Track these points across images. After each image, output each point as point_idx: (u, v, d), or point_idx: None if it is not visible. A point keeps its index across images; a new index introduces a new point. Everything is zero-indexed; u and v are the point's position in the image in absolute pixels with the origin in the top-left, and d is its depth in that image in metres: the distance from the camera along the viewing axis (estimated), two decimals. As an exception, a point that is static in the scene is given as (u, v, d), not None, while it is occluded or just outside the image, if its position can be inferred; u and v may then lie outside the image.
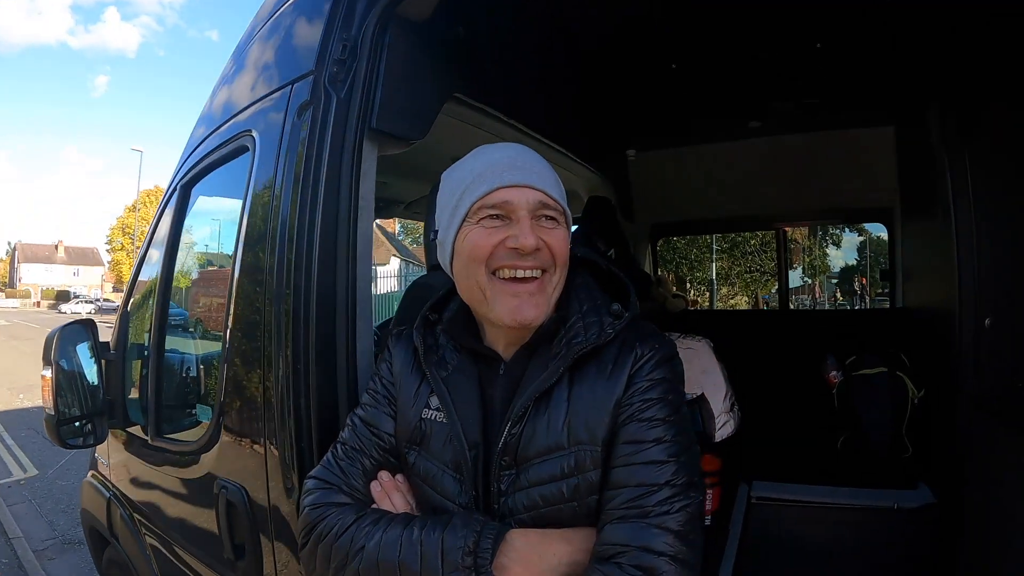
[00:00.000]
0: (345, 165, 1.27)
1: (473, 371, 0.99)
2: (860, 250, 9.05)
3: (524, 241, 0.89)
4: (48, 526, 4.43)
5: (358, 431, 1.04)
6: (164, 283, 1.79)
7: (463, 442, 0.93)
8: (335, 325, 1.23)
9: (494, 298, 0.92)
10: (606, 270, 1.06)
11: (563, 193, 0.98)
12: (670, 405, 0.90)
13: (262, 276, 1.32)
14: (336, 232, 1.24)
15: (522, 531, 0.89)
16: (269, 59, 1.54)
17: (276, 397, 1.25)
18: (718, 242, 10.43)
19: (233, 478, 1.39)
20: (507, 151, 0.97)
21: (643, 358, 0.92)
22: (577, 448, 0.89)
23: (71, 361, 1.87)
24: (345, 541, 0.91)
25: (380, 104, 1.29)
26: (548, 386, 0.91)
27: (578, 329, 0.94)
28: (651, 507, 0.83)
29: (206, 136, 1.73)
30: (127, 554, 1.94)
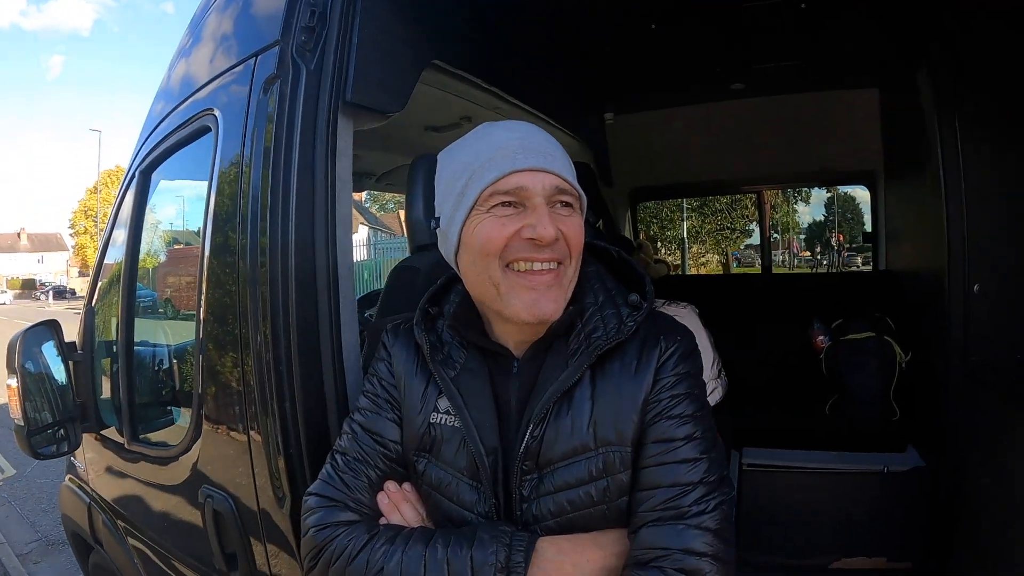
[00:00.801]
0: (319, 143, 1.17)
1: (483, 370, 0.92)
2: (828, 206, 9.21)
3: (543, 232, 0.82)
4: (30, 528, 4.31)
5: (359, 440, 0.96)
6: (128, 278, 1.67)
7: (480, 447, 0.87)
8: (317, 323, 1.15)
9: (509, 293, 0.85)
10: (617, 258, 1.00)
11: (575, 176, 0.90)
12: (697, 400, 0.87)
13: (233, 270, 1.22)
14: (312, 220, 1.15)
15: (552, 539, 0.84)
16: (229, 29, 1.41)
17: (258, 399, 1.16)
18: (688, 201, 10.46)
19: (219, 485, 1.31)
20: (516, 131, 0.89)
21: (668, 352, 0.87)
22: (605, 449, 0.84)
23: (37, 365, 1.76)
24: (360, 565, 0.84)
25: (355, 74, 1.19)
26: (569, 385, 0.86)
27: (596, 323, 0.89)
28: (687, 507, 0.80)
29: (164, 116, 1.59)
30: (113, 560, 1.87)
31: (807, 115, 2.78)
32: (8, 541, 4.11)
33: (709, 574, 0.77)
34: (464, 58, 1.74)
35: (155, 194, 1.67)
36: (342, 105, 1.19)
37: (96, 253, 1.94)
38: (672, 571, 0.77)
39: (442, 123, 2.43)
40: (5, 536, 4.18)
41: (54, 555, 3.83)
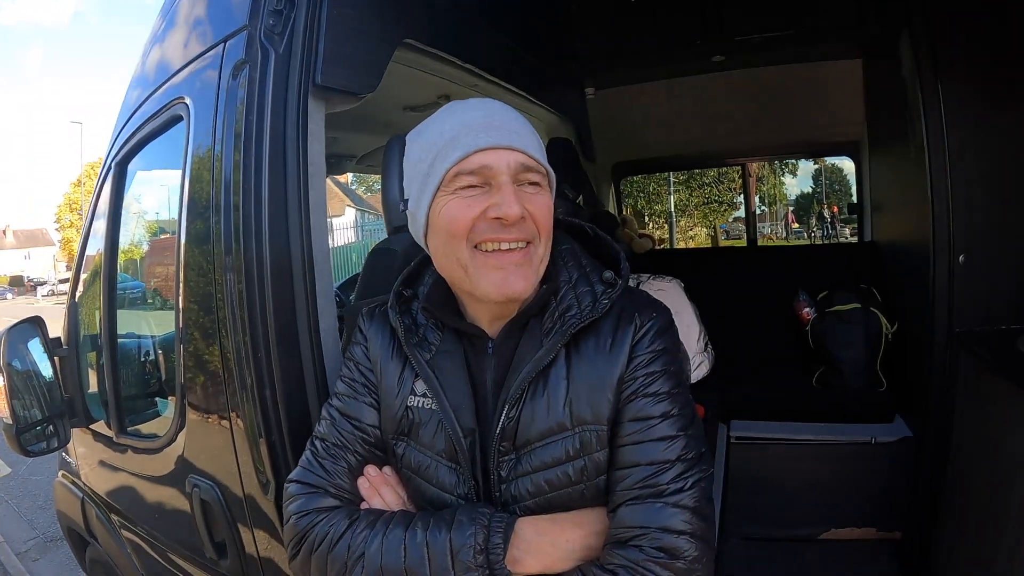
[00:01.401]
0: (290, 128, 1.15)
1: (458, 351, 0.92)
2: (816, 178, 9.20)
3: (508, 210, 0.81)
4: (28, 525, 4.30)
5: (338, 425, 0.96)
6: (108, 271, 1.67)
7: (457, 429, 0.87)
8: (294, 309, 1.15)
9: (477, 273, 0.84)
10: (592, 235, 0.99)
11: (544, 153, 0.89)
12: (674, 377, 0.86)
13: (209, 259, 1.21)
14: (286, 206, 1.14)
15: (531, 520, 0.85)
16: (199, 15, 1.39)
17: (238, 387, 1.16)
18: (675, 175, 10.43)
19: (205, 474, 1.32)
20: (481, 108, 0.87)
21: (643, 329, 0.87)
22: (581, 428, 0.84)
23: (23, 363, 1.75)
24: (342, 550, 0.85)
25: (324, 57, 1.17)
26: (545, 365, 0.85)
27: (570, 301, 0.88)
28: (665, 485, 0.80)
29: (138, 105, 1.57)
30: (108, 554, 1.88)
31: (790, 86, 2.76)
32: (7, 539, 4.10)
33: (688, 551, 0.77)
34: (438, 36, 1.72)
35: (132, 185, 1.65)
36: (312, 88, 1.18)
37: (77, 247, 1.92)
38: (650, 549, 0.77)
39: (420, 102, 2.41)
40: (4, 535, 4.17)
41: (53, 552, 3.82)
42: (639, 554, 0.77)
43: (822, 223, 10.78)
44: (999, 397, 1.58)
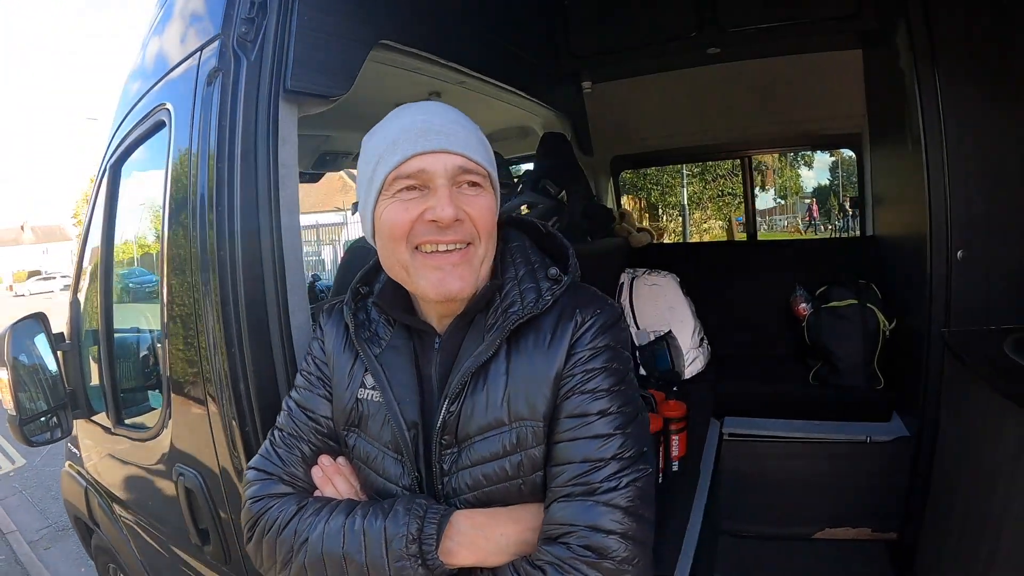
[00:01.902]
0: (260, 132, 1.19)
1: (408, 346, 0.95)
2: (833, 170, 9.00)
3: (441, 212, 0.83)
4: (41, 515, 4.44)
5: (294, 416, 1.00)
6: (104, 268, 1.74)
7: (401, 422, 0.90)
8: (266, 306, 1.19)
9: (416, 273, 0.87)
10: (545, 232, 1.01)
11: (489, 154, 0.91)
12: (615, 374, 0.86)
13: (188, 261, 1.26)
14: (257, 207, 1.18)
15: (467, 512, 0.86)
16: (180, 24, 1.43)
17: (215, 381, 1.22)
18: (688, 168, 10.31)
19: (188, 464, 1.38)
20: (422, 113, 0.89)
21: (584, 325, 0.87)
22: (518, 424, 0.85)
23: (29, 356, 1.83)
24: (288, 534, 0.89)
25: (294, 62, 1.20)
26: (485, 360, 0.87)
27: (514, 297, 0.89)
28: (598, 483, 0.80)
29: (129, 110, 1.63)
30: (110, 541, 1.96)
31: (789, 78, 2.72)
32: (19, 529, 4.23)
33: (616, 551, 0.77)
34: (418, 35, 1.75)
35: (125, 187, 1.71)
36: (283, 93, 1.21)
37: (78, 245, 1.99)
38: (578, 547, 0.78)
39: (411, 100, 2.44)
40: (16, 524, 4.31)
41: (64, 541, 3.91)
42: (566, 552, 0.78)
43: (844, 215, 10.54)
44: (981, 403, 1.56)
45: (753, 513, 2.44)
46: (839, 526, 2.34)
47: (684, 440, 1.88)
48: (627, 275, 2.86)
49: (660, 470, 1.82)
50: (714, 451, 2.32)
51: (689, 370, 2.71)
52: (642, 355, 2.69)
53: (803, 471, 2.37)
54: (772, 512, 2.41)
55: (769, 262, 3.08)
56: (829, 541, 2.35)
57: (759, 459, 2.43)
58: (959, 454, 1.72)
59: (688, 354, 2.71)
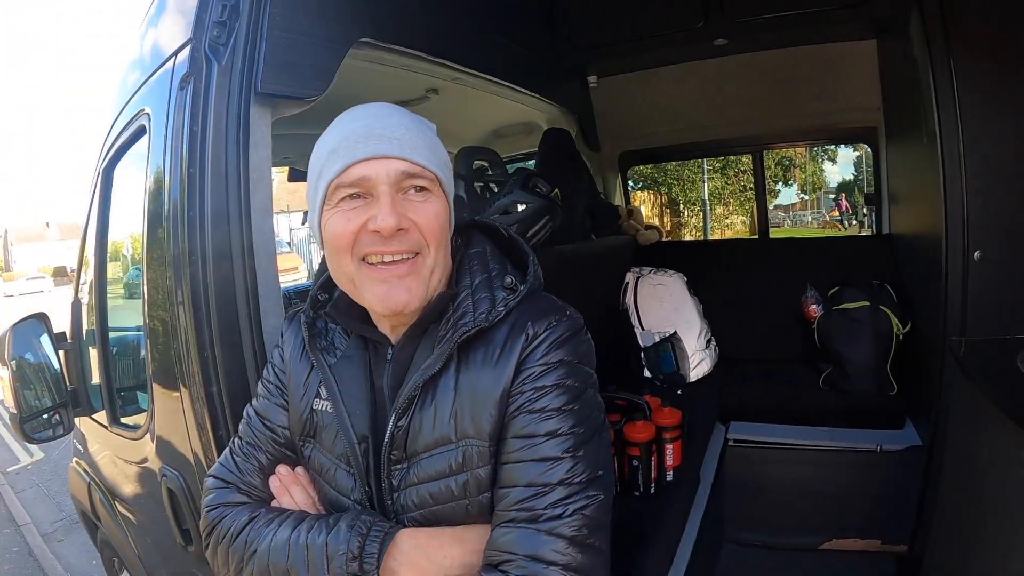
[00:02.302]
0: (231, 137, 1.19)
1: (362, 357, 0.92)
2: (858, 164, 8.67)
3: (383, 222, 0.80)
4: (56, 508, 4.55)
5: (252, 425, 0.99)
6: (98, 271, 1.78)
7: (352, 435, 0.87)
8: (237, 311, 1.18)
9: (363, 285, 0.84)
10: (507, 236, 0.96)
11: (439, 157, 0.87)
12: (568, 392, 0.81)
13: (164, 264, 1.26)
14: (228, 212, 1.18)
15: (411, 531, 0.84)
16: (158, 30, 1.44)
17: (188, 384, 1.22)
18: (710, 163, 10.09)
19: (171, 465, 1.39)
20: (364, 119, 0.84)
21: (536, 340, 0.82)
22: (464, 443, 0.82)
23: (35, 355, 1.87)
24: (240, 543, 0.88)
25: (265, 64, 1.20)
26: (432, 374, 0.83)
27: (466, 307, 0.85)
28: (542, 510, 0.76)
29: (117, 114, 1.66)
30: (110, 535, 2.00)
31: (801, 70, 2.62)
32: (34, 521, 4.34)
33: None
34: (405, 33, 1.73)
35: (116, 191, 1.74)
36: (254, 96, 1.20)
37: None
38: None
39: (409, 97, 2.43)
40: (31, 516, 4.43)
41: (77, 533, 3.96)
42: None
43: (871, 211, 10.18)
44: (991, 423, 1.46)
45: (758, 521, 2.36)
46: (847, 537, 2.26)
47: (679, 449, 1.83)
48: (632, 274, 2.81)
49: (653, 480, 1.77)
50: (717, 457, 2.26)
51: (695, 372, 2.66)
52: (646, 357, 2.64)
53: (810, 479, 2.29)
54: (778, 521, 2.34)
55: (781, 261, 2.98)
56: (836, 552, 2.27)
57: (765, 466, 2.36)
58: (967, 471, 1.64)
59: (694, 356, 2.66)
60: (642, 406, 1.83)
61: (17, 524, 4.34)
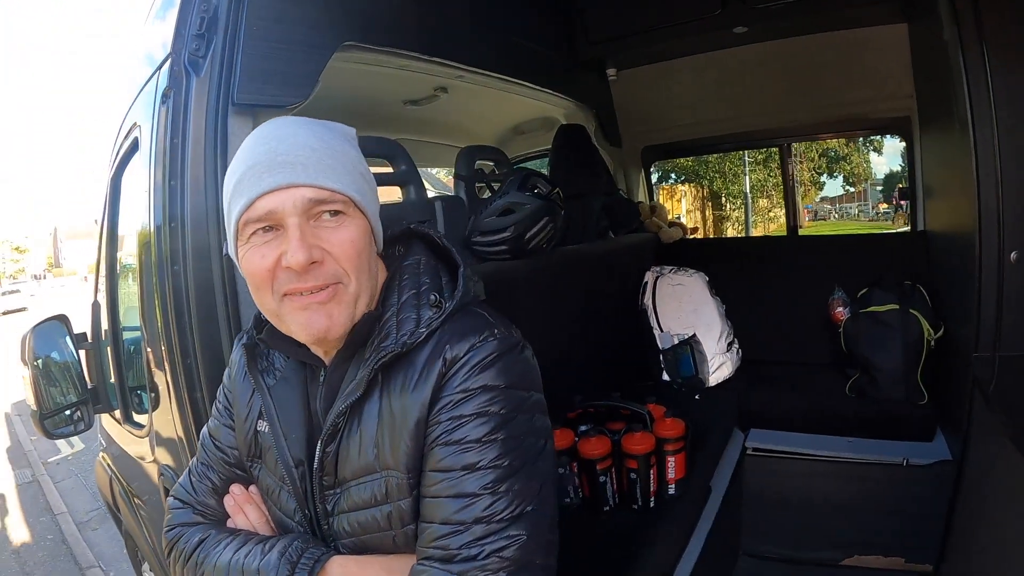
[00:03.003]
0: (209, 149, 1.20)
1: (299, 379, 0.90)
2: (904, 156, 8.18)
3: (292, 259, 0.75)
4: (91, 498, 4.71)
5: (205, 446, 1.00)
6: (109, 275, 1.85)
7: (288, 459, 0.86)
8: (217, 320, 1.20)
9: (287, 317, 0.80)
10: (440, 244, 0.92)
11: (351, 173, 0.81)
12: (491, 420, 0.75)
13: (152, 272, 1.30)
14: (207, 223, 1.19)
15: (342, 560, 0.83)
16: (147, 44, 1.49)
17: (176, 390, 1.26)
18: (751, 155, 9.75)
19: (168, 464, 1.44)
20: (267, 141, 0.78)
21: (455, 364, 0.77)
22: (386, 473, 0.79)
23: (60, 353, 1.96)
24: (192, 564, 0.89)
25: (241, 74, 1.20)
26: (355, 400, 0.80)
27: (390, 328, 0.81)
28: (456, 550, 0.72)
29: (119, 125, 1.72)
30: (129, 527, 2.09)
31: (827, 57, 2.45)
32: (69, 510, 4.57)
33: None
34: (396, 35, 1.70)
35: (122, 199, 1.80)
36: (232, 108, 1.21)
37: (95, 252, 2.10)
38: None
39: (418, 96, 2.43)
40: (67, 506, 4.67)
41: (110, 523, 4.07)
42: None
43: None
44: (1009, 454, 1.35)
45: (777, 534, 2.26)
46: (869, 554, 2.13)
47: (683, 460, 1.76)
48: (652, 273, 2.71)
49: (652, 493, 1.71)
50: (733, 466, 2.17)
51: (715, 376, 2.55)
52: (665, 359, 2.56)
53: (833, 492, 2.17)
54: (797, 534, 2.23)
55: (810, 260, 2.82)
56: (858, 569, 2.14)
57: (785, 477, 2.24)
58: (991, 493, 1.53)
59: (714, 360, 2.56)
60: (643, 416, 1.77)
61: (53, 512, 4.58)
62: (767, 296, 2.78)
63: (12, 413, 7.97)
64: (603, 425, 1.77)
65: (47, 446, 6.13)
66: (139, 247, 1.40)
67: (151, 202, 1.28)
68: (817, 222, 11.39)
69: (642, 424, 1.74)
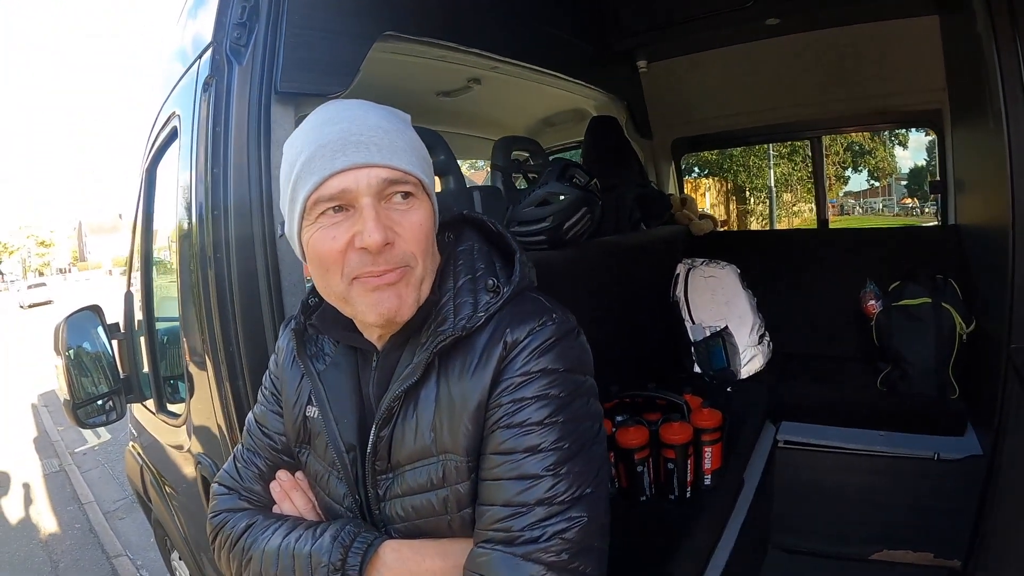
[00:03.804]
0: (252, 137, 1.20)
1: (350, 363, 0.90)
2: (930, 150, 8.02)
3: (369, 239, 0.74)
4: (119, 487, 4.78)
5: (252, 432, 0.99)
6: (145, 264, 1.85)
7: (339, 444, 0.86)
8: (261, 308, 1.20)
9: (355, 301, 0.79)
10: (495, 231, 0.91)
11: (419, 155, 0.81)
12: (551, 403, 0.75)
13: (193, 259, 1.30)
14: (250, 211, 1.19)
15: (395, 544, 0.82)
16: (186, 33, 1.48)
17: (217, 379, 1.26)
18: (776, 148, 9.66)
19: (205, 453, 1.45)
20: (339, 122, 0.78)
21: (516, 347, 0.77)
22: (444, 457, 0.79)
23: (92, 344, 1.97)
24: (239, 549, 0.89)
25: (284, 62, 1.20)
26: (411, 384, 0.80)
27: (447, 312, 0.81)
28: (519, 531, 0.72)
29: (156, 115, 1.72)
30: (159, 516, 2.11)
31: (858, 49, 2.43)
32: (96, 500, 4.61)
33: None
34: (435, 24, 1.70)
35: (158, 189, 1.80)
36: (275, 96, 1.21)
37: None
38: None
39: (452, 88, 2.42)
40: (95, 495, 4.71)
41: (137, 512, 4.09)
42: None
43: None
44: None
45: (806, 528, 2.25)
46: (898, 548, 2.12)
47: (719, 451, 1.75)
48: (683, 266, 2.71)
49: (689, 484, 1.70)
50: (764, 458, 2.16)
51: (746, 369, 2.54)
52: (696, 351, 2.55)
53: (863, 486, 2.16)
54: (826, 528, 2.22)
55: (840, 253, 2.80)
56: (886, 564, 2.13)
57: (815, 470, 2.23)
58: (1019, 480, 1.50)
59: (745, 352, 2.54)
60: (681, 406, 1.76)
61: (81, 502, 4.62)
62: (797, 289, 2.77)
63: (39, 404, 8.05)
64: (639, 415, 1.76)
65: (73, 436, 6.19)
66: (178, 236, 1.40)
67: (192, 190, 1.28)
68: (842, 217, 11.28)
69: (680, 414, 1.73)
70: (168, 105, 1.53)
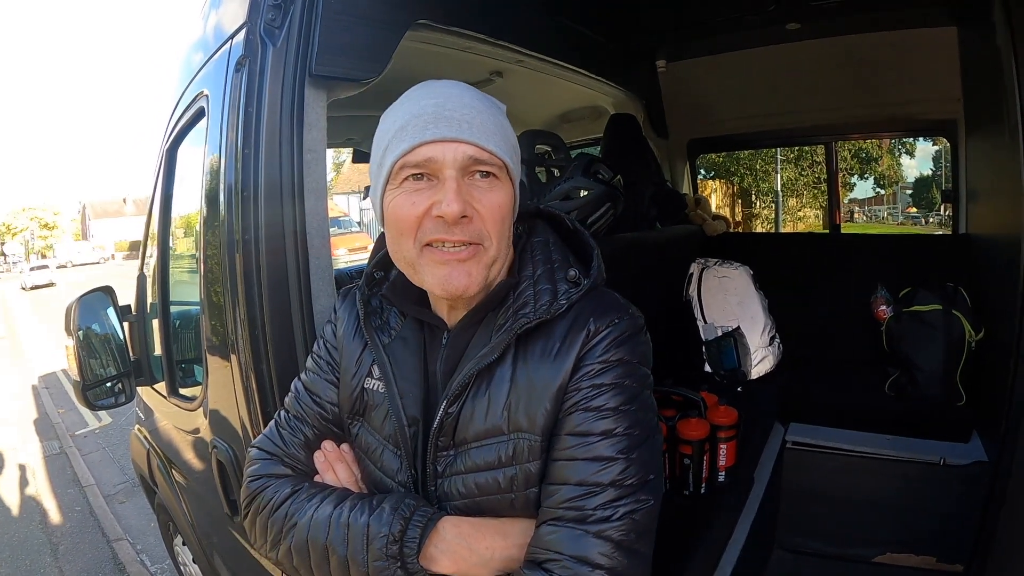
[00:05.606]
0: (285, 118, 1.19)
1: (417, 339, 0.91)
2: (936, 160, 8.02)
3: (448, 208, 0.77)
4: (119, 471, 4.79)
5: (300, 399, 0.99)
6: (162, 246, 1.84)
7: (402, 417, 0.87)
8: (288, 290, 1.19)
9: (423, 268, 0.82)
10: (571, 228, 0.94)
11: (508, 142, 0.84)
12: (626, 392, 0.79)
13: (219, 240, 1.29)
14: (280, 193, 1.19)
15: (455, 520, 0.83)
16: (218, 13, 1.46)
17: (241, 360, 1.24)
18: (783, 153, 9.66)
19: (222, 437, 1.43)
20: (434, 96, 0.82)
21: (597, 336, 0.80)
22: (516, 435, 0.81)
23: (102, 326, 1.96)
24: (280, 516, 0.88)
25: (320, 46, 1.20)
26: (488, 363, 0.82)
27: (527, 298, 0.84)
28: (591, 511, 0.75)
29: (180, 96, 1.70)
30: (165, 500, 2.09)
31: (876, 57, 2.46)
32: (97, 483, 4.58)
33: None
34: (464, 15, 1.70)
35: (179, 170, 1.78)
36: (308, 79, 1.21)
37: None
38: None
39: (473, 80, 2.40)
40: (95, 478, 4.67)
41: (138, 496, 4.13)
42: None
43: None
44: None
45: (811, 529, 2.27)
46: (902, 552, 2.15)
47: (733, 449, 1.76)
48: (697, 265, 2.72)
49: (704, 480, 1.71)
50: (774, 459, 2.17)
51: (757, 370, 2.56)
52: (708, 351, 2.55)
53: (869, 489, 2.18)
54: (832, 529, 2.24)
55: (853, 258, 2.82)
56: (889, 567, 2.15)
57: (822, 472, 2.25)
58: None
59: (756, 353, 2.55)
60: (698, 403, 1.76)
61: (81, 485, 4.59)
62: (809, 292, 2.79)
63: (40, 386, 8.01)
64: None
65: (74, 418, 6.16)
66: (203, 218, 1.39)
67: (221, 172, 1.27)
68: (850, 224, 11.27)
69: (697, 411, 1.73)
70: (195, 85, 1.51)
